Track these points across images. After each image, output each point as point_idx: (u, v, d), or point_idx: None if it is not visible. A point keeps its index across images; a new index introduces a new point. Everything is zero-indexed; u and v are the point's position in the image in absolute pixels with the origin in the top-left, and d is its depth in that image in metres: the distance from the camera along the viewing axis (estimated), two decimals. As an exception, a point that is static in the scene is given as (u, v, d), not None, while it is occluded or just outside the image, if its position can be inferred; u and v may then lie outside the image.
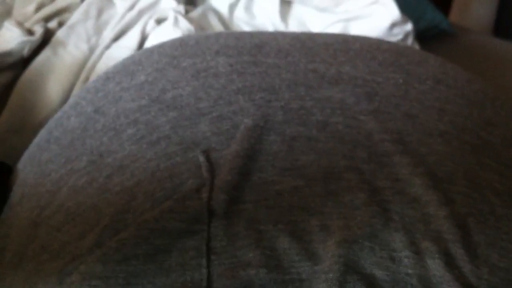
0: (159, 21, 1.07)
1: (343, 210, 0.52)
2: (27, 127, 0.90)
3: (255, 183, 0.54)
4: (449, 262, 0.49)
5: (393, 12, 1.12)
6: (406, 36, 1.15)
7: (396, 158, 0.56)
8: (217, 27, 1.13)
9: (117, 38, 1.03)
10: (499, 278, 0.49)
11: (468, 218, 0.53)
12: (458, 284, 0.48)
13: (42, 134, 0.69)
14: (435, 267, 0.49)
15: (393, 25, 1.12)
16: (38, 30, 1.01)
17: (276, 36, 0.74)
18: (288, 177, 0.54)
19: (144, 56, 0.72)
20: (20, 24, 1.01)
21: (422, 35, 1.40)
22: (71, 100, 0.71)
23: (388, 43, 0.75)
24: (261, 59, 0.67)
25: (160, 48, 0.73)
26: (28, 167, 0.65)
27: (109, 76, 0.70)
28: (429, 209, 0.53)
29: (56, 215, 0.55)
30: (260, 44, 0.70)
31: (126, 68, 0.70)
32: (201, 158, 0.55)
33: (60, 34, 1.02)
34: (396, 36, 1.14)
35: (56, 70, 0.96)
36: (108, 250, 0.48)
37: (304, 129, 0.58)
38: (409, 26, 1.14)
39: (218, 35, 0.74)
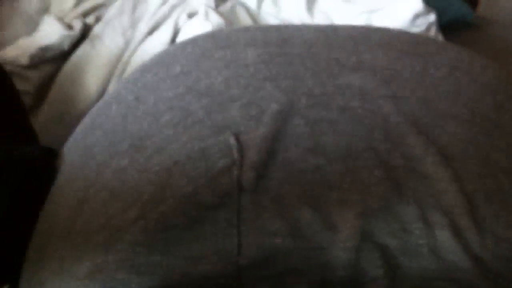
0: (191, 15, 1.10)
1: (360, 186, 0.57)
2: (67, 117, 0.95)
3: (281, 162, 0.59)
4: (457, 233, 0.54)
5: (416, 3, 1.13)
6: (429, 27, 1.16)
7: (410, 139, 0.61)
8: (246, 20, 1.17)
9: (151, 32, 1.07)
10: (504, 249, 0.53)
11: (476, 193, 0.57)
12: (465, 254, 0.52)
13: (85, 121, 0.75)
14: (444, 238, 0.53)
15: (416, 16, 1.13)
16: (77, 25, 1.05)
17: (301, 29, 0.78)
18: (310, 156, 0.59)
19: (179, 49, 0.77)
20: (60, 19, 1.06)
21: (448, 27, 1.41)
22: (113, 90, 0.77)
23: (408, 34, 0.79)
24: (286, 50, 0.71)
25: (193, 41, 0.78)
26: (73, 151, 0.70)
27: (147, 68, 0.75)
28: (439, 185, 0.57)
29: (101, 193, 0.60)
30: (286, 37, 0.75)
31: (163, 60, 0.75)
32: (232, 140, 0.60)
33: (97, 28, 1.06)
34: (419, 27, 1.15)
35: (94, 63, 1.01)
36: (149, 221, 0.54)
37: (326, 113, 0.63)
38: (432, 17, 1.15)
39: (247, 29, 0.79)
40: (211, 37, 0.77)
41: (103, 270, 0.52)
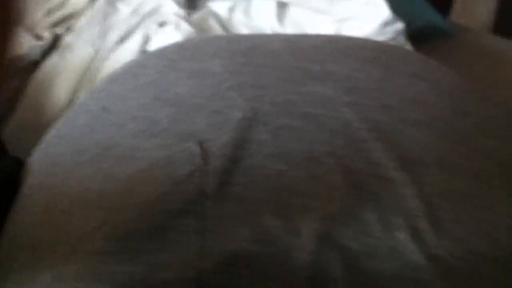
0: (161, 25, 1.11)
1: (322, 191, 0.58)
2: (38, 126, 0.93)
3: (244, 168, 0.59)
4: (416, 234, 0.55)
5: (384, 12, 1.16)
6: (397, 35, 1.18)
7: (372, 144, 0.62)
8: (217, 29, 1.18)
9: (121, 41, 1.08)
10: (461, 249, 0.55)
11: (435, 196, 0.58)
12: (423, 254, 0.54)
13: (53, 131, 0.75)
14: (403, 239, 0.55)
15: (384, 25, 1.16)
16: (47, 35, 1.06)
17: (268, 39, 0.80)
18: (273, 162, 0.60)
19: (147, 59, 0.78)
20: (30, 30, 1.06)
21: (420, 34, 1.44)
22: (80, 100, 0.77)
23: (371, 42, 0.81)
24: (252, 59, 0.73)
25: (162, 52, 0.79)
26: (39, 160, 0.70)
27: (115, 78, 0.76)
28: (399, 189, 0.58)
29: (66, 202, 0.60)
30: (253, 47, 0.76)
31: (130, 70, 0.76)
32: (195, 147, 0.61)
33: (67, 38, 1.07)
34: (387, 35, 1.17)
35: (64, 72, 1.01)
36: (112, 229, 0.54)
37: (289, 120, 0.64)
38: (399, 26, 1.18)
39: (215, 39, 0.80)
40: (178, 48, 0.78)
41: (64, 279, 0.52)
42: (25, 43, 1.03)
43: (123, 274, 0.52)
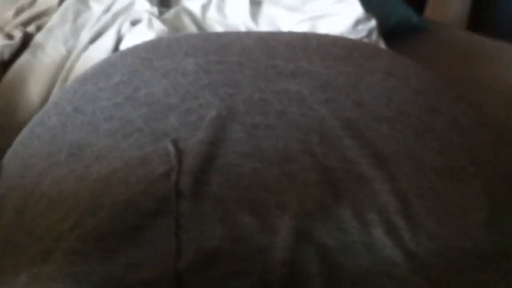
0: (134, 23, 1.10)
1: (297, 188, 0.58)
2: (10, 126, 0.92)
3: (219, 166, 0.59)
4: (391, 230, 0.56)
5: (357, 10, 1.16)
6: (370, 32, 1.19)
7: (345, 141, 0.63)
8: (190, 27, 1.17)
9: (93, 39, 1.07)
10: (435, 244, 0.56)
11: (409, 192, 0.59)
12: (398, 249, 0.54)
13: (24, 132, 0.74)
14: (378, 235, 0.55)
15: (357, 22, 1.16)
16: (17, 34, 1.04)
17: (242, 36, 0.80)
18: (248, 160, 0.60)
19: (119, 58, 0.77)
20: (0, 29, 1.05)
21: (394, 31, 1.45)
22: (51, 100, 0.76)
23: (345, 39, 0.81)
24: (226, 58, 0.73)
25: (134, 51, 0.78)
26: (12, 162, 0.69)
27: (87, 77, 0.75)
28: (374, 185, 0.59)
29: (40, 203, 0.60)
30: (226, 45, 0.76)
31: (103, 70, 0.75)
32: (170, 147, 0.61)
33: (38, 37, 1.05)
34: (361, 32, 1.17)
35: (35, 72, 1.00)
36: (86, 229, 0.54)
37: (263, 118, 0.64)
38: (372, 23, 1.18)
39: (187, 37, 0.79)
40: (151, 47, 0.77)
41: (39, 280, 0.52)
42: (-5, 43, 1.01)
43: (100, 274, 0.51)
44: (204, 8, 1.21)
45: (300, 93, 0.67)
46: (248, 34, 0.80)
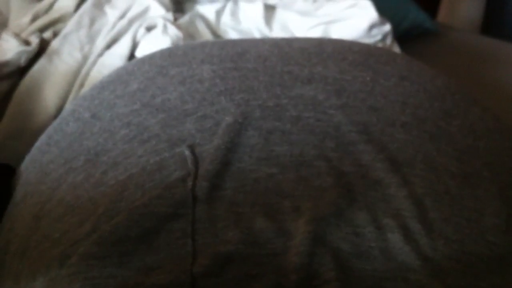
0: (149, 29, 1.11)
1: (313, 193, 0.58)
2: (25, 133, 0.94)
3: (234, 172, 0.60)
4: (407, 235, 0.56)
5: (371, 14, 1.16)
6: (384, 36, 1.19)
7: (361, 146, 0.63)
8: (205, 33, 1.18)
9: (109, 46, 1.08)
10: (452, 249, 0.55)
11: (425, 197, 0.59)
12: (415, 254, 0.54)
13: (42, 138, 0.75)
14: (395, 240, 0.55)
15: (372, 27, 1.16)
16: (34, 41, 1.05)
17: (257, 43, 0.80)
18: (264, 166, 0.60)
19: (136, 66, 0.78)
20: (16, 35, 1.05)
21: (407, 35, 1.45)
22: (69, 107, 0.77)
23: (360, 44, 0.81)
24: (241, 65, 0.73)
25: (151, 58, 0.79)
26: (30, 168, 0.70)
27: (104, 85, 0.76)
28: (389, 190, 0.59)
29: (57, 208, 0.61)
30: (241, 52, 0.76)
31: (120, 77, 0.76)
32: (187, 152, 0.61)
33: (54, 43, 1.06)
34: (375, 37, 1.18)
35: (51, 78, 1.01)
36: (103, 233, 0.54)
37: (279, 123, 0.65)
38: (387, 27, 1.18)
39: (203, 45, 0.80)
40: (168, 54, 0.78)
41: (56, 284, 0.52)
42: (12, 49, 1.02)
43: (116, 278, 0.52)
44: (218, 13, 1.22)
45: (315, 98, 0.68)
46: (263, 41, 0.80)
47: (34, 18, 1.15)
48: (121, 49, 1.07)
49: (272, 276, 0.53)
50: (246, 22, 1.21)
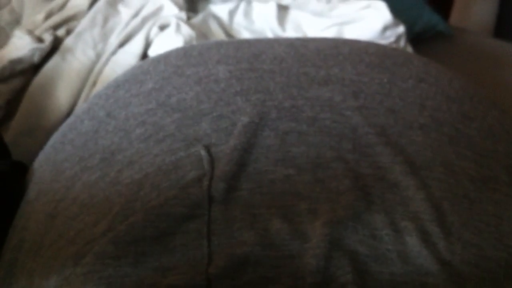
0: (162, 28, 1.11)
1: (329, 195, 0.58)
2: (38, 130, 0.94)
3: (251, 172, 0.59)
4: (426, 239, 0.55)
5: (385, 16, 1.16)
6: (398, 38, 1.19)
7: (378, 149, 0.62)
8: (218, 32, 1.18)
9: (122, 44, 1.08)
10: (471, 254, 0.55)
11: (444, 201, 0.58)
12: (433, 259, 0.54)
13: (56, 136, 0.74)
14: (413, 243, 0.55)
15: (385, 28, 1.16)
16: (48, 38, 1.05)
17: (273, 44, 0.80)
18: (280, 167, 0.60)
19: (151, 65, 0.77)
20: (30, 32, 1.06)
21: (420, 37, 1.44)
22: (84, 106, 0.77)
23: (376, 46, 0.81)
24: (257, 66, 0.73)
25: (166, 58, 0.78)
26: (44, 166, 0.70)
27: (119, 84, 0.76)
28: (407, 193, 0.58)
29: (71, 207, 0.60)
30: (257, 53, 0.76)
31: (135, 77, 0.76)
32: (203, 152, 0.61)
33: (68, 41, 1.06)
34: (389, 38, 1.17)
35: (65, 75, 1.01)
36: (119, 233, 0.54)
37: (295, 124, 0.64)
38: (401, 29, 1.18)
39: (219, 45, 0.80)
40: (183, 54, 0.78)
41: (71, 282, 0.52)
42: (25, 46, 1.02)
43: (132, 277, 0.52)
44: (231, 13, 1.22)
45: (332, 100, 0.67)
46: (279, 42, 0.80)
47: (48, 16, 1.15)
48: (134, 47, 1.07)
49: (288, 279, 0.52)
50: (259, 22, 1.21)
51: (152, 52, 1.06)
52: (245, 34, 1.19)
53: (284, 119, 0.65)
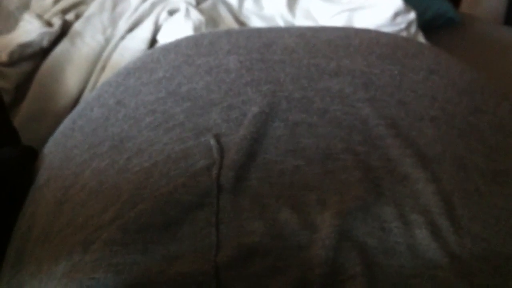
0: (171, 12, 1.10)
1: (339, 186, 0.58)
2: (47, 115, 0.94)
3: (260, 162, 0.59)
4: (435, 232, 0.55)
5: (396, 2, 1.14)
6: (409, 25, 1.18)
7: (389, 141, 0.62)
8: (227, 18, 1.17)
9: (131, 29, 1.08)
10: (480, 248, 0.55)
11: (454, 194, 0.58)
12: (443, 251, 0.54)
13: (66, 123, 0.74)
14: (422, 236, 0.55)
15: (396, 15, 1.14)
16: (57, 22, 1.05)
17: (283, 34, 0.79)
18: (290, 157, 0.60)
19: (162, 54, 0.77)
20: (39, 16, 1.06)
21: (430, 24, 1.43)
22: (94, 93, 0.77)
23: (387, 36, 0.80)
24: (268, 56, 0.72)
25: (177, 47, 0.78)
26: (53, 152, 0.70)
27: (130, 71, 0.76)
28: (417, 186, 0.58)
29: (80, 193, 0.61)
30: (268, 43, 0.76)
31: (146, 65, 0.76)
32: (212, 141, 0.61)
33: (77, 26, 1.06)
34: (399, 25, 1.16)
35: (74, 60, 1.01)
36: (127, 220, 0.54)
37: (305, 115, 0.64)
38: (412, 15, 1.16)
39: (229, 35, 0.79)
40: (194, 43, 0.77)
41: (80, 269, 0.52)
42: (34, 30, 1.02)
43: (140, 265, 0.52)
44: (241, -1, 1.21)
45: (342, 91, 0.67)
46: (289, 32, 0.79)
47: (57, 0, 1.15)
48: (143, 32, 1.06)
49: (297, 269, 0.52)
50: (269, 8, 1.20)
51: (161, 37, 1.06)
52: (255, 20, 1.18)
53: (294, 110, 0.64)
